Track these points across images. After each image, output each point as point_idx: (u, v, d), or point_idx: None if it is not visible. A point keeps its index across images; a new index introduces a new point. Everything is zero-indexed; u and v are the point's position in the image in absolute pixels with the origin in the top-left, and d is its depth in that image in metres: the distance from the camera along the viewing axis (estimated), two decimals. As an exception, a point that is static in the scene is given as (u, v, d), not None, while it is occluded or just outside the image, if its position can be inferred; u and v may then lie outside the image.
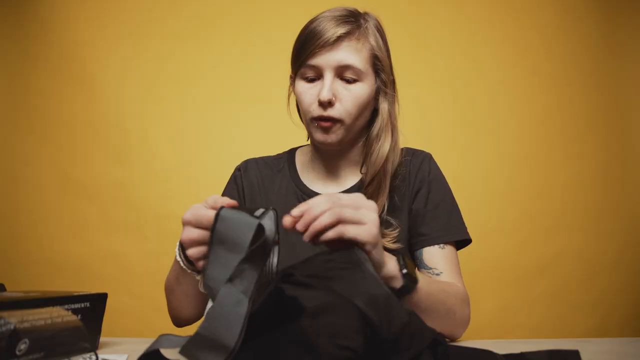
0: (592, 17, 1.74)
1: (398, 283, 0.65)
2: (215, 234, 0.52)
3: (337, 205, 0.57)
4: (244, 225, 0.52)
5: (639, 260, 1.66)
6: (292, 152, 1.00)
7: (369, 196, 0.84)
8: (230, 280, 0.48)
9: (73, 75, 1.70)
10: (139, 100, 1.70)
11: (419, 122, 1.64)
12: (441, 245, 0.85)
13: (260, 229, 0.52)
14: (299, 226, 0.56)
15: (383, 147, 0.85)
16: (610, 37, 1.74)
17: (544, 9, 1.73)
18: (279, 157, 1.00)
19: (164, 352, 0.52)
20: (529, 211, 1.66)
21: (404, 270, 0.66)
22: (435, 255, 0.85)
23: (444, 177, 0.93)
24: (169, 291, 0.83)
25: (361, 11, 0.87)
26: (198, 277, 0.71)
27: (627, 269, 1.65)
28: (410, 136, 0.91)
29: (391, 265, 0.65)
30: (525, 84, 1.72)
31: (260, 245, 0.51)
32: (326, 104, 0.80)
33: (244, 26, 1.73)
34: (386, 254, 0.65)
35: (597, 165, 1.69)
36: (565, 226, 1.66)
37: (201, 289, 0.73)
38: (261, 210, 0.56)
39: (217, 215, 0.53)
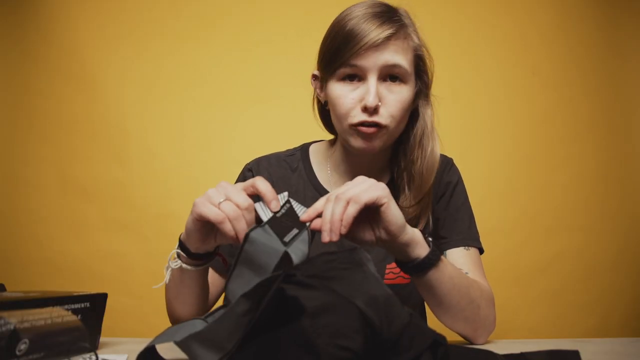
0: (592, 17, 1.74)
1: (423, 251, 0.65)
2: (243, 253, 0.55)
3: (338, 195, 0.59)
4: (271, 251, 0.55)
5: (639, 260, 1.66)
6: (305, 149, 0.95)
7: (416, 213, 0.81)
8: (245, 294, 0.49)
9: (73, 75, 1.70)
10: (139, 100, 1.70)
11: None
12: (466, 247, 0.84)
13: (286, 256, 0.54)
14: (324, 236, 0.57)
15: (431, 154, 0.80)
16: (610, 37, 1.74)
17: (544, 8, 1.73)
18: (291, 153, 0.95)
19: (161, 351, 0.52)
20: (529, 211, 1.66)
21: (430, 238, 0.66)
22: (460, 256, 0.83)
23: (463, 182, 0.93)
24: (172, 298, 0.79)
25: (393, 6, 0.81)
26: (185, 267, 0.69)
27: (627, 269, 1.65)
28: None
29: (416, 232, 0.65)
30: (525, 84, 1.72)
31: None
32: (372, 110, 0.75)
33: (244, 26, 1.73)
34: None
35: (597, 165, 1.69)
36: (565, 226, 1.66)
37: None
38: (294, 232, 0.57)
39: (246, 235, 0.55)
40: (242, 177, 0.95)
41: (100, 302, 0.66)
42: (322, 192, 0.88)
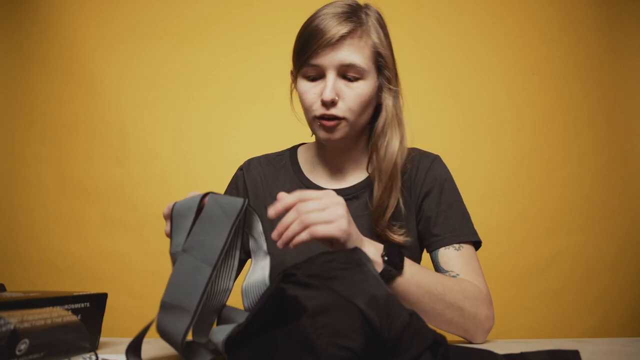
0: (592, 16, 1.74)
1: (378, 268, 0.67)
2: (174, 210, 0.59)
3: (303, 212, 0.62)
4: (194, 197, 0.60)
5: (639, 260, 1.66)
6: (294, 149, 1.00)
7: (382, 194, 0.83)
8: (185, 250, 0.53)
9: (73, 75, 1.70)
10: (138, 100, 1.70)
11: (419, 122, 1.63)
12: (456, 245, 0.84)
13: (206, 195, 0.59)
14: (274, 235, 0.62)
15: (392, 142, 0.84)
16: (610, 37, 1.74)
17: (544, 8, 1.73)
18: (281, 153, 1.00)
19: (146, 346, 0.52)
20: (528, 211, 1.66)
21: (386, 257, 0.68)
22: (451, 257, 0.83)
23: (453, 180, 0.93)
24: None
25: (361, 4, 0.86)
26: None
27: (627, 268, 1.65)
28: (410, 136, 0.91)
29: (370, 251, 0.68)
30: (525, 84, 1.72)
31: (212, 214, 0.56)
32: (329, 104, 0.80)
33: (244, 26, 1.73)
34: (370, 241, 0.69)
35: (597, 165, 1.70)
36: (565, 226, 1.66)
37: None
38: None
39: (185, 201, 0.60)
40: (234, 178, 0.98)
41: (100, 302, 0.66)
42: (308, 184, 0.92)
